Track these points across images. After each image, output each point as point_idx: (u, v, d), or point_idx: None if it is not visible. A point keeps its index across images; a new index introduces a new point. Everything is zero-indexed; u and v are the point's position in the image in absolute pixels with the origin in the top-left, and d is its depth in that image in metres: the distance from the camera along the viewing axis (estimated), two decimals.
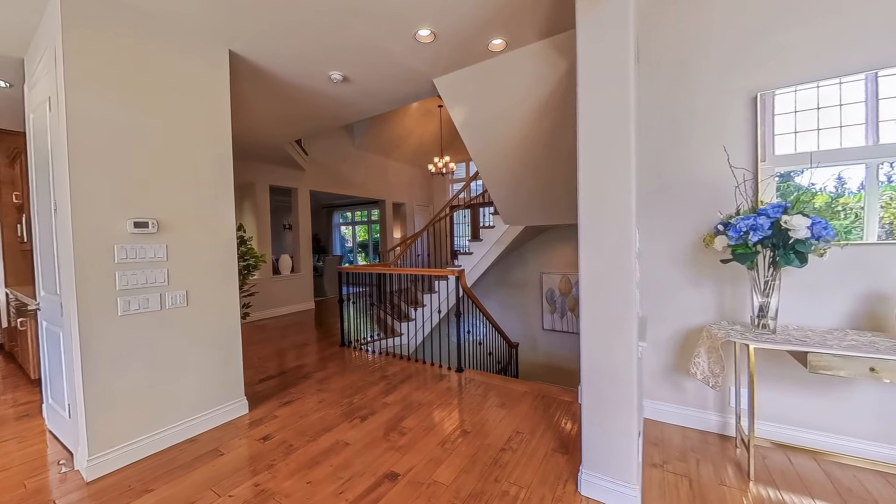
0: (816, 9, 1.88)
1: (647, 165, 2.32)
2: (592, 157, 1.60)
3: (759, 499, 1.62)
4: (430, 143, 8.71)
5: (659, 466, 1.86)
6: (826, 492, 1.65)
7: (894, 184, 1.75)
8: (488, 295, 6.73)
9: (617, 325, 1.56)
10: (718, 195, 2.11)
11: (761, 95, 1.99)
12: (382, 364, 3.48)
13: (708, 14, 2.13)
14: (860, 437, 1.85)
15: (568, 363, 6.00)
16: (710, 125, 2.14)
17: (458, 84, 3.01)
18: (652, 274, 2.32)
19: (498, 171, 3.66)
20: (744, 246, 1.79)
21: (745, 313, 2.07)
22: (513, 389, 2.82)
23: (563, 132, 2.97)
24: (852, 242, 1.82)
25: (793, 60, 1.93)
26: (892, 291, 1.77)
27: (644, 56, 2.31)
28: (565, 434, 2.17)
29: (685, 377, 2.25)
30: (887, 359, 1.49)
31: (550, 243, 6.13)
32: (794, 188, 1.93)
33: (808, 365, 1.63)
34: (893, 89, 1.73)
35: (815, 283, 1.92)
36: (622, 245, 1.55)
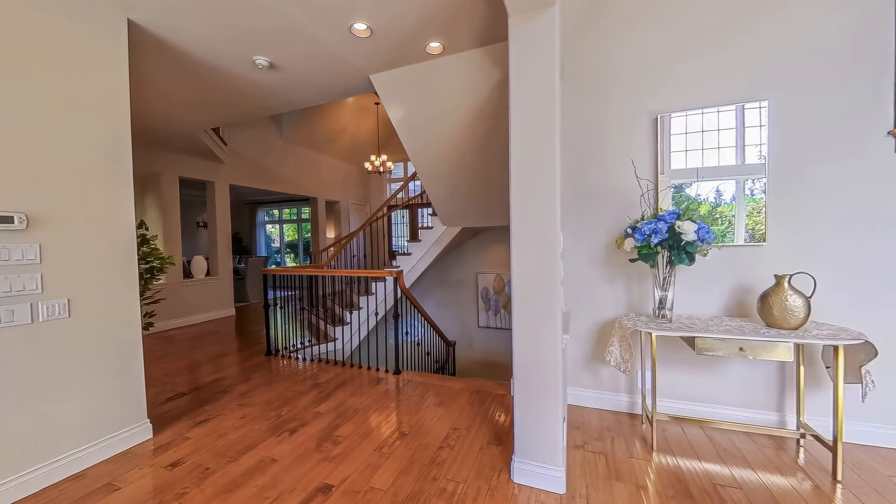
0: (702, 49, 2.23)
1: (571, 173, 2.54)
2: (523, 164, 1.70)
3: (660, 466, 1.87)
4: (366, 141, 8.47)
5: (580, 447, 2.05)
6: (709, 453, 1.96)
7: (755, 197, 2.15)
8: (427, 295, 6.77)
9: (544, 320, 1.68)
10: (628, 202, 2.39)
11: (661, 117, 2.30)
12: (315, 371, 3.29)
13: (621, 42, 2.40)
14: (732, 405, 2.24)
15: (502, 358, 6.30)
16: (622, 140, 2.42)
17: (396, 82, 2.98)
18: (574, 272, 2.54)
19: (436, 172, 3.70)
20: (647, 247, 2.06)
21: (648, 305, 2.37)
22: (450, 387, 2.87)
23: (496, 138, 3.12)
24: (726, 244, 2.20)
25: (684, 89, 2.27)
26: (755, 284, 2.17)
27: (568, 73, 2.52)
28: (499, 426, 2.27)
29: (601, 364, 2.51)
30: (751, 339, 1.82)
31: (486, 244, 6.37)
32: (685, 198, 2.27)
33: (695, 348, 1.93)
34: (754, 120, 2.13)
35: (700, 279, 2.27)
36: (548, 246, 1.67)
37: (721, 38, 2.19)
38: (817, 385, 2.08)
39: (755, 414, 2.19)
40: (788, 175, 2.10)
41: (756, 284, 2.16)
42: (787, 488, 1.68)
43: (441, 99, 2.99)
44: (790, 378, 2.13)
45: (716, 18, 2.20)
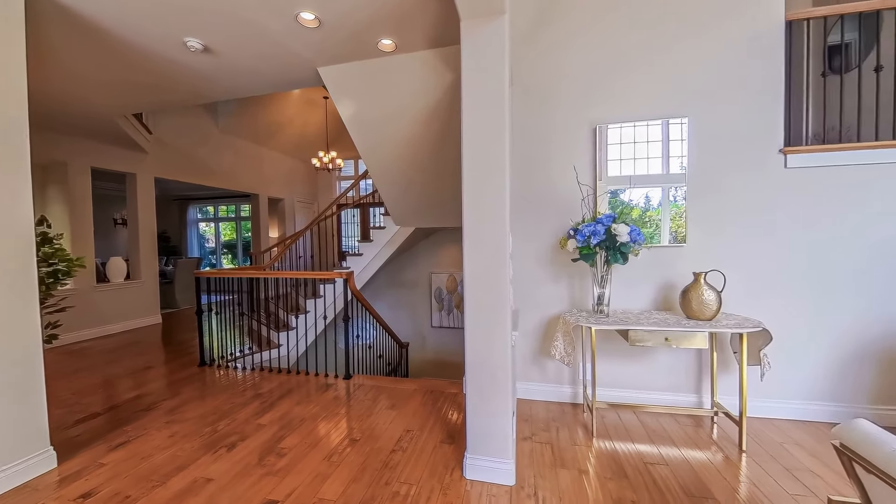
0: (635, 68, 2.45)
1: (520, 176, 2.64)
2: (474, 167, 1.74)
3: (599, 451, 2.01)
4: (314, 136, 8.10)
5: (528, 439, 2.14)
6: (641, 435, 2.16)
7: (678, 203, 2.41)
8: (379, 296, 6.64)
9: (495, 318, 1.73)
10: (570, 205, 2.55)
11: (599, 127, 2.48)
12: (256, 381, 3.07)
13: (565, 55, 2.55)
14: (659, 390, 2.48)
15: (455, 357, 6.37)
16: (565, 147, 2.57)
17: (347, 78, 2.89)
18: (522, 271, 2.65)
19: (388, 171, 3.64)
20: (587, 248, 2.21)
21: (588, 302, 2.55)
22: (403, 389, 2.85)
23: (450, 138, 3.15)
24: (654, 245, 2.44)
25: (619, 103, 2.48)
26: (677, 281, 2.43)
27: (517, 80, 2.62)
28: (452, 424, 2.29)
29: (547, 359, 2.65)
30: (674, 330, 2.04)
31: (440, 244, 6.42)
32: (620, 203, 2.47)
33: (629, 339, 2.11)
34: (677, 134, 2.38)
35: (632, 276, 2.49)
36: (498, 246, 1.73)
37: (650, 60, 2.43)
38: (727, 368, 2.38)
39: (678, 397, 2.45)
40: (704, 184, 2.38)
41: (678, 281, 2.42)
42: (703, 461, 1.91)
43: (394, 97, 2.95)
44: (706, 363, 2.41)
45: (645, 42, 2.43)
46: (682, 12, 2.37)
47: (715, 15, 2.33)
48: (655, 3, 2.41)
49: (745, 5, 2.29)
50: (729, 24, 2.32)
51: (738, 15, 2.30)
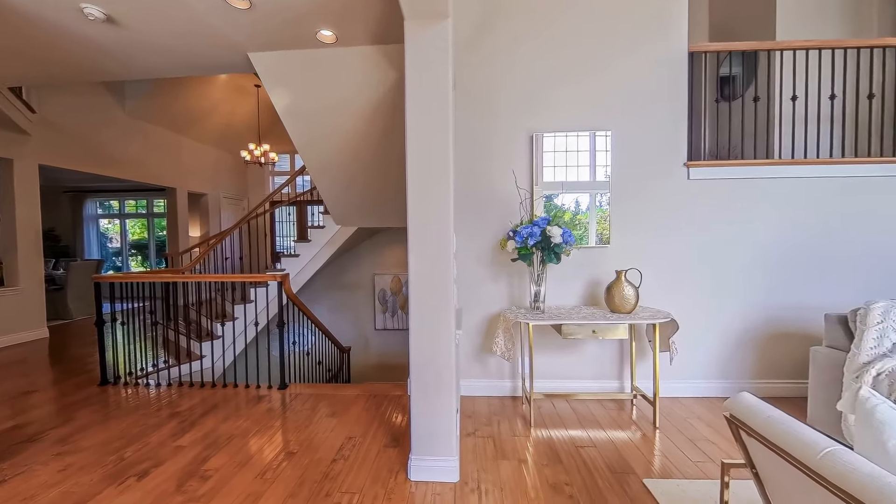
0: (567, 81, 2.64)
1: (463, 178, 2.70)
2: (419, 168, 1.74)
3: (537, 439, 2.14)
4: (243, 126, 7.46)
5: (472, 434, 2.20)
6: (572, 421, 2.34)
7: (603, 208, 2.65)
8: (318, 300, 6.32)
9: (439, 318, 1.75)
10: (510, 208, 2.67)
11: (535, 135, 2.64)
12: (174, 398, 2.74)
13: (506, 64, 2.67)
14: (588, 378, 2.71)
15: (399, 359, 6.31)
16: (505, 151, 2.69)
17: (282, 66, 2.71)
18: (465, 271, 2.72)
19: (328, 167, 3.49)
20: (525, 248, 2.34)
21: (526, 299, 2.70)
22: (344, 395, 2.74)
23: (394, 136, 3.11)
24: (583, 246, 2.65)
25: (554, 114, 2.66)
26: (603, 278, 2.67)
27: (460, 84, 2.68)
28: (397, 427, 2.27)
29: (489, 355, 2.74)
30: (600, 323, 2.24)
31: (383, 244, 6.30)
32: (554, 206, 2.65)
33: (562, 333, 2.27)
34: (602, 145, 2.62)
35: (564, 275, 2.68)
36: (443, 246, 1.75)
37: (580, 77, 2.64)
38: (643, 356, 2.67)
39: (604, 383, 2.70)
40: (624, 191, 2.65)
41: (604, 278, 2.66)
42: (625, 439, 2.12)
43: (334, 91, 2.83)
44: (626, 352, 2.69)
45: (576, 59, 2.63)
46: (606, 36, 2.62)
47: (633, 41, 2.61)
48: (585, 26, 2.62)
49: (657, 35, 2.60)
50: (644, 50, 2.61)
51: (652, 43, 2.61)
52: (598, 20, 2.62)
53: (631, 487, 1.71)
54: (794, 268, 2.61)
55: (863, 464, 0.78)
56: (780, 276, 2.62)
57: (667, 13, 2.59)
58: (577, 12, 2.62)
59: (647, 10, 2.60)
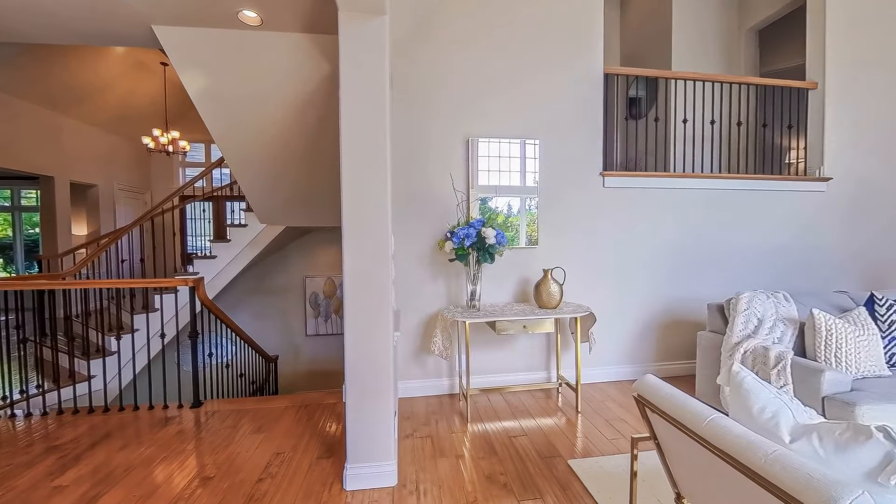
0: (501, 91, 2.77)
1: (401, 178, 2.68)
2: (354, 165, 1.68)
3: (474, 434, 2.20)
4: (146, 109, 6.49)
5: (410, 436, 2.19)
6: (506, 413, 2.46)
7: (532, 211, 2.83)
8: (240, 305, 5.76)
9: (376, 320, 1.72)
10: (447, 209, 2.72)
11: (471, 139, 2.72)
12: (51, 429, 2.29)
13: (444, 66, 2.70)
14: (520, 371, 2.87)
15: (333, 365, 6.03)
16: (443, 154, 2.73)
17: (196, 44, 2.41)
18: (404, 272, 2.70)
19: (251, 161, 3.20)
20: (462, 249, 2.40)
21: (463, 298, 2.77)
22: (271, 408, 2.54)
23: (328, 132, 2.96)
24: (515, 247, 2.81)
25: (488, 120, 2.77)
26: (532, 277, 2.85)
27: (398, 84, 2.65)
28: (331, 437, 2.16)
29: (427, 355, 2.76)
30: (530, 318, 2.39)
31: (316, 245, 5.96)
32: (488, 209, 2.76)
33: (496, 329, 2.38)
34: (531, 153, 2.80)
35: (498, 274, 2.81)
36: (380, 247, 1.72)
37: (512, 87, 2.79)
38: (567, 346, 2.91)
39: (533, 375, 2.88)
40: (550, 196, 2.86)
41: (533, 276, 2.85)
42: (552, 425, 2.29)
43: (260, 78, 2.61)
44: (552, 344, 2.91)
45: (509, 69, 2.78)
46: (534, 52, 2.80)
47: (557, 59, 2.83)
48: (516, 40, 2.78)
49: (579, 55, 2.86)
50: (567, 68, 2.85)
51: (574, 62, 2.86)
52: (527, 36, 2.79)
53: (558, 469, 1.85)
54: (686, 264, 3.07)
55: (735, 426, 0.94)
56: (676, 272, 3.05)
57: (586, 36, 2.87)
58: (508, 27, 2.76)
59: (570, 32, 2.84)
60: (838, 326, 1.94)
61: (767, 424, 0.98)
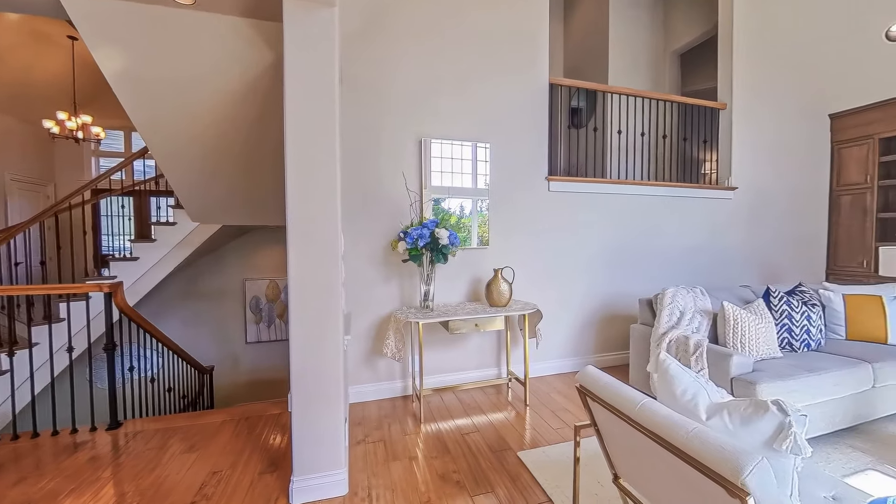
0: (453, 93, 2.80)
1: (351, 176, 2.60)
2: (301, 162, 1.60)
3: (427, 435, 2.21)
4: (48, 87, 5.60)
5: (362, 442, 2.13)
6: (459, 411, 2.49)
7: (484, 213, 2.91)
8: (168, 312, 5.20)
9: (325, 324, 1.65)
10: (400, 209, 2.70)
11: (424, 140, 2.72)
12: None
13: (396, 65, 2.67)
14: (472, 369, 2.93)
15: (278, 373, 5.67)
16: (395, 153, 2.69)
17: (113, 18, 2.13)
18: (355, 273, 2.62)
19: (182, 153, 2.90)
20: (415, 249, 2.39)
21: (416, 299, 2.76)
22: (206, 424, 2.33)
23: (271, 125, 2.78)
24: (467, 247, 2.86)
25: (442, 122, 2.79)
26: (483, 276, 2.92)
27: (348, 78, 2.57)
28: (275, 449, 2.04)
29: (379, 358, 2.71)
30: (482, 317, 2.45)
31: (257, 245, 5.56)
32: (441, 210, 2.79)
33: (449, 329, 2.40)
34: (483, 156, 2.87)
35: (451, 274, 2.85)
36: (329, 248, 1.65)
37: (464, 90, 2.84)
38: (516, 343, 3.03)
39: (485, 372, 2.96)
40: (501, 198, 2.96)
41: (484, 276, 2.92)
42: (502, 419, 2.37)
43: (192, 62, 2.37)
44: (503, 341, 3.01)
45: (462, 73, 2.82)
46: (485, 56, 2.88)
47: (506, 66, 2.94)
48: (468, 44, 2.83)
49: (526, 64, 2.99)
50: (516, 76, 2.97)
51: (522, 70, 2.98)
52: (477, 41, 2.86)
53: (508, 462, 1.92)
54: (620, 263, 3.34)
55: (662, 409, 1.04)
56: (612, 270, 3.32)
57: (533, 47, 3.01)
58: (458, 29, 2.81)
59: (517, 41, 2.96)
60: (743, 316, 2.24)
61: (688, 405, 1.11)
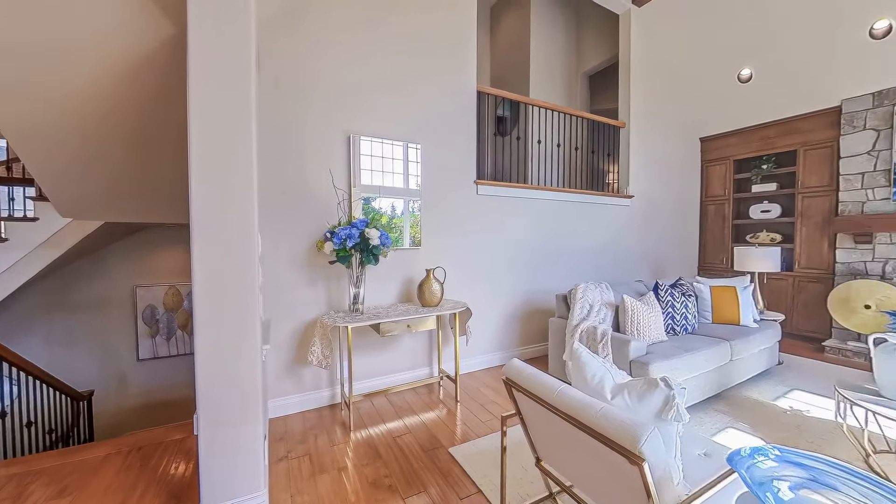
0: (385, 91, 2.75)
1: (271, 171, 2.40)
2: (209, 152, 1.43)
3: (357, 442, 2.13)
4: None
5: (284, 459, 1.98)
6: (390, 414, 2.45)
7: (416, 213, 2.91)
8: (28, 329, 4.20)
9: (240, 334, 1.49)
10: (327, 208, 2.57)
11: (353, 136, 2.63)
12: None
13: (322, 58, 2.53)
14: (404, 370, 2.91)
15: (179, 392, 4.96)
16: (321, 148, 2.55)
17: None
18: (275, 277, 2.42)
19: (48, 134, 2.37)
20: (344, 250, 2.30)
21: (345, 302, 2.65)
22: (83, 461, 1.94)
23: (175, 105, 2.42)
24: (399, 248, 2.83)
25: (372, 119, 2.72)
26: (416, 277, 2.92)
27: (270, 69, 2.36)
28: (178, 480, 1.78)
29: (304, 366, 2.54)
30: (414, 317, 2.44)
31: (151, 246, 4.79)
32: (372, 209, 2.72)
33: (380, 332, 2.35)
34: (414, 156, 2.87)
35: (383, 275, 2.79)
36: (244, 248, 1.50)
37: (396, 88, 2.81)
38: (447, 341, 3.09)
39: (417, 372, 2.96)
40: (432, 199, 2.99)
41: (416, 276, 2.93)
42: (434, 418, 2.40)
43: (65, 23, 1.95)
44: (434, 341, 3.04)
45: (393, 71, 2.78)
46: (419, 58, 2.89)
47: (437, 70, 2.99)
48: (399, 42, 2.81)
49: (457, 70, 3.08)
50: (447, 80, 3.03)
51: (452, 75, 3.06)
52: (411, 42, 2.86)
53: (440, 459, 1.95)
54: (540, 262, 3.62)
55: (576, 393, 1.15)
56: (533, 268, 3.58)
57: (462, 53, 3.10)
58: (393, 28, 2.78)
59: (450, 46, 3.03)
60: (638, 307, 2.59)
61: (597, 388, 1.24)
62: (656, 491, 0.93)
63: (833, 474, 0.99)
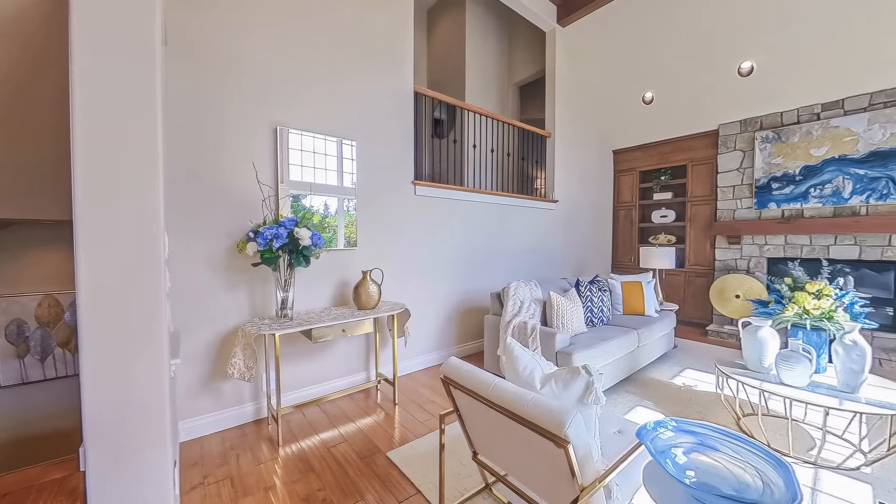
0: (319, 85, 2.60)
1: (180, 163, 2.12)
2: (99, 134, 1.22)
3: (286, 458, 1.98)
4: None
5: (199, 486, 1.76)
6: (324, 424, 2.33)
7: (350, 212, 2.80)
8: None
9: (141, 348, 1.29)
10: (250, 206, 2.35)
11: (280, 129, 2.44)
12: None
13: (243, 42, 2.30)
14: (339, 377, 2.78)
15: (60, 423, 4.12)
16: (242, 140, 2.33)
17: None
18: (186, 281, 2.15)
19: None
20: (270, 251, 2.12)
21: (272, 307, 2.45)
22: None
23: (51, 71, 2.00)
24: (333, 249, 2.70)
25: (303, 112, 2.55)
26: (351, 279, 2.82)
27: (183, 46, 2.09)
28: None
29: (223, 380, 2.29)
30: (349, 321, 2.35)
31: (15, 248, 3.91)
32: (302, 207, 2.56)
33: (312, 338, 2.22)
34: (349, 154, 2.77)
35: (314, 277, 2.64)
36: (147, 250, 1.30)
37: (330, 81, 2.67)
38: (385, 344, 3.03)
39: (353, 378, 2.86)
40: (368, 198, 2.91)
41: (352, 278, 2.82)
42: (372, 424, 2.33)
43: None
44: (371, 344, 2.96)
45: (327, 64, 2.65)
46: (356, 52, 2.79)
47: (373, 67, 2.92)
48: (333, 32, 2.68)
49: (394, 68, 3.04)
50: (383, 78, 2.97)
51: (389, 73, 3.01)
52: (348, 35, 2.75)
53: (378, 465, 1.90)
54: (475, 261, 3.74)
55: (509, 386, 1.21)
56: (469, 268, 3.68)
57: (399, 52, 3.08)
58: (324, 15, 2.64)
59: (387, 44, 2.98)
60: (562, 302, 2.82)
61: (528, 379, 1.32)
62: (580, 469, 1.02)
63: (715, 437, 1.19)
